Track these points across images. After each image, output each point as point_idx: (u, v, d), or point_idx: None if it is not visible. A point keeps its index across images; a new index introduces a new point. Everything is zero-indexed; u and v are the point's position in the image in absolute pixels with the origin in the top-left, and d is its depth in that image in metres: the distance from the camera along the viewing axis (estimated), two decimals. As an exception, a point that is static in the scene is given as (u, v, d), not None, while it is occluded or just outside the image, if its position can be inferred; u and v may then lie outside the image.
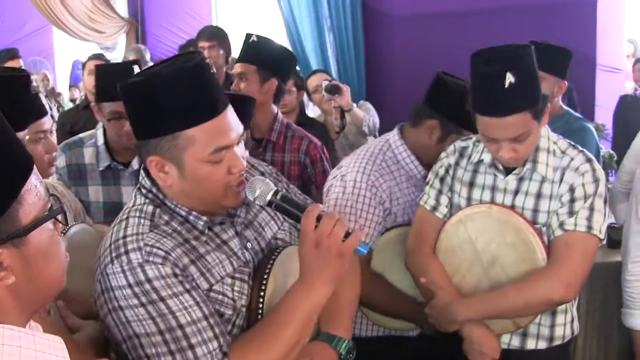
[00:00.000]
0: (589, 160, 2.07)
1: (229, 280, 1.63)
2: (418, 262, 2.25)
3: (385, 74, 6.51)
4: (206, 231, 1.65)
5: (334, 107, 4.70)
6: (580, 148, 2.13)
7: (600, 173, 2.07)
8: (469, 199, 2.21)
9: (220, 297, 1.61)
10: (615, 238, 3.47)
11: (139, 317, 1.51)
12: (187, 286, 1.54)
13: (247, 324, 1.66)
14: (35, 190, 1.02)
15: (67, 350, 1.06)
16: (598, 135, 4.40)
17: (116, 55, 10.63)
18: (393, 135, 2.59)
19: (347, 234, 1.56)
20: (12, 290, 1.00)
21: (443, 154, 2.29)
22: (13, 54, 5.76)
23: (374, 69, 6.58)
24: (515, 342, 2.20)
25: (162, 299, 1.50)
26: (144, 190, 1.66)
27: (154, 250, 1.53)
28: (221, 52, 4.73)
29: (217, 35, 4.85)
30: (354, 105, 4.78)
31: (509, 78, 1.89)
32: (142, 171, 1.68)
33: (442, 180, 2.26)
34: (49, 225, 1.05)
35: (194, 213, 1.63)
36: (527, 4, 5.62)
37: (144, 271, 1.51)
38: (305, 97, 5.09)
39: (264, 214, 1.80)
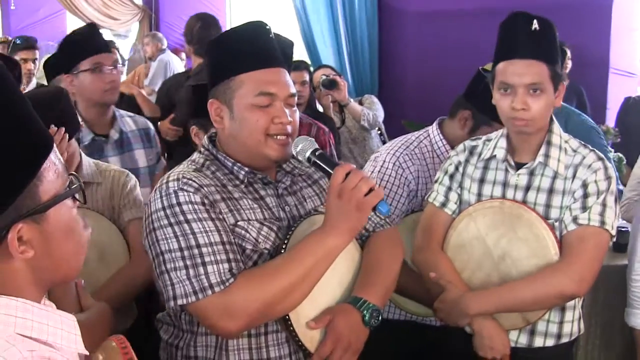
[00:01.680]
0: (600, 158, 2.11)
1: (257, 224, 1.75)
2: (426, 258, 2.25)
3: (398, 70, 6.50)
4: (246, 181, 1.80)
5: (331, 101, 4.73)
6: (591, 147, 2.16)
7: (612, 171, 2.11)
8: (479, 195, 2.22)
9: (243, 232, 1.74)
10: (621, 241, 3.47)
11: (166, 236, 1.69)
12: (212, 215, 1.70)
13: None
14: (54, 168, 1.06)
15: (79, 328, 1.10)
16: (607, 139, 4.42)
17: (128, 43, 10.66)
18: (432, 126, 2.73)
19: (370, 191, 1.65)
20: (30, 264, 1.04)
21: (452, 152, 2.33)
22: (30, 44, 5.23)
23: (387, 64, 6.58)
24: (523, 340, 2.19)
25: (187, 221, 1.68)
26: (202, 149, 1.88)
27: (190, 182, 1.72)
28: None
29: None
30: (351, 100, 4.82)
31: (535, 24, 2.05)
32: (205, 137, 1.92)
33: (451, 177, 2.28)
34: (68, 202, 1.09)
35: (238, 164, 1.80)
36: (542, 5, 5.54)
37: (176, 196, 1.70)
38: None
39: (309, 190, 1.93)
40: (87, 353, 1.12)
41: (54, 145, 1.08)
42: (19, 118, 1.02)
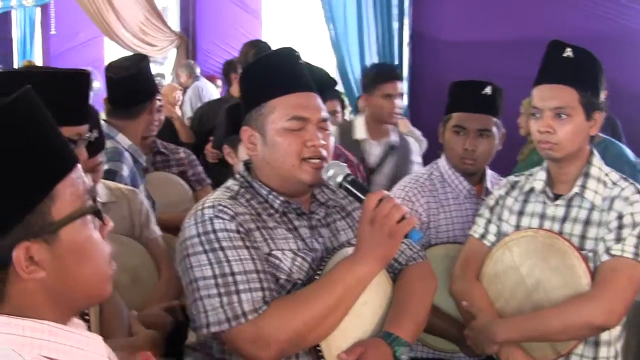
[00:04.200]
0: (639, 191, 2.08)
1: (290, 254, 1.74)
2: (461, 287, 2.26)
3: (429, 101, 6.48)
4: (281, 210, 1.80)
5: None
6: (632, 181, 2.14)
7: None
8: (517, 227, 2.23)
9: (277, 262, 1.74)
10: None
11: (200, 263, 1.68)
12: (247, 243, 1.70)
13: None
14: (71, 189, 1.03)
15: (105, 347, 1.09)
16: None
17: (165, 69, 10.82)
18: (441, 157, 2.78)
19: (403, 219, 1.64)
20: (43, 286, 1.01)
21: (495, 187, 2.39)
22: None
23: (418, 95, 6.57)
24: None
25: (222, 248, 1.68)
26: (237, 175, 1.89)
27: (225, 209, 1.72)
28: None
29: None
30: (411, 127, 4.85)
31: (568, 52, 2.09)
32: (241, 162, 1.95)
33: (491, 210, 2.32)
34: (87, 224, 1.05)
35: (273, 193, 1.80)
36: (576, 36, 5.48)
37: (212, 223, 1.70)
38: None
39: (343, 222, 1.92)
40: None
41: (78, 165, 1.06)
42: (33, 140, 0.99)
